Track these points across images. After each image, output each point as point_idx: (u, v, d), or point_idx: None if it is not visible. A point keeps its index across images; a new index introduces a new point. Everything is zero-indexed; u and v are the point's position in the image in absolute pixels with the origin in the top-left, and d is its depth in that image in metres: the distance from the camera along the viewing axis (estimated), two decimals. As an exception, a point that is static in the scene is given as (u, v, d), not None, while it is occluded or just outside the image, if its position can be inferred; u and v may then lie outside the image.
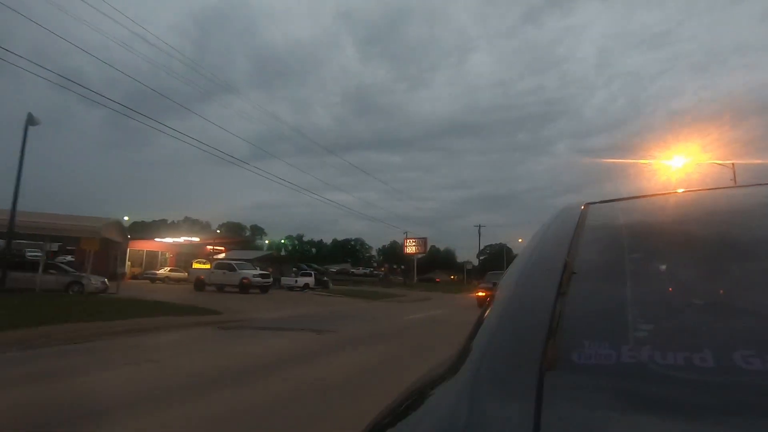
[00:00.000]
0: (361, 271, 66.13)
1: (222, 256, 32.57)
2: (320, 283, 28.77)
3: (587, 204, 0.98)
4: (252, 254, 34.33)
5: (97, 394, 4.37)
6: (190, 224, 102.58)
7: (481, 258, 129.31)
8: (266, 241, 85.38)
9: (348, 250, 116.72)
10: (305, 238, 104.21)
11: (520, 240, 74.18)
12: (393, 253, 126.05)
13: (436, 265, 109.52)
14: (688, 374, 0.46)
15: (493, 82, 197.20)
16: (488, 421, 0.48)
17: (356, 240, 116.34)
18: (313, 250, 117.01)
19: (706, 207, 0.93)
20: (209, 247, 35.11)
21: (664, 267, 0.68)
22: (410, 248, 53.76)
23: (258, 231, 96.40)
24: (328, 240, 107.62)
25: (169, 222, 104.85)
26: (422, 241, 53.01)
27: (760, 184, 1.02)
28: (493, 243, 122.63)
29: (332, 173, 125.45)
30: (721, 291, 0.60)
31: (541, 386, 0.48)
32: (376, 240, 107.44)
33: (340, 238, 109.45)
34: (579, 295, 0.62)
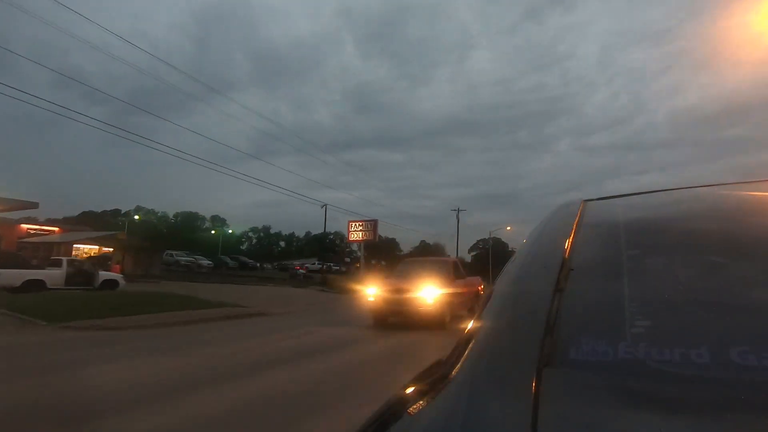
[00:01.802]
0: (315, 266, 53.49)
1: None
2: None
3: (585, 201, 1.01)
4: (89, 234, 21.48)
5: None
6: (144, 213, 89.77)
7: (473, 253, 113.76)
8: (213, 232, 72.58)
9: (326, 245, 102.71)
10: (272, 231, 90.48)
11: (508, 228, 59.17)
12: (375, 247, 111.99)
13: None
14: (684, 370, 0.47)
15: (495, 80, 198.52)
16: (486, 417, 0.48)
17: (335, 234, 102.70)
18: (282, 243, 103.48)
19: (704, 204, 0.95)
20: (26, 226, 22.16)
21: (661, 264, 0.70)
22: (355, 234, 38.41)
23: (218, 221, 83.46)
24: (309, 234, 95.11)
25: (123, 212, 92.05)
26: (371, 225, 38.07)
27: (759, 181, 1.04)
28: (486, 237, 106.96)
29: (332, 171, 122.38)
30: (718, 288, 0.62)
31: (538, 382, 0.48)
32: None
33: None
34: (576, 291, 0.63)
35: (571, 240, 0.77)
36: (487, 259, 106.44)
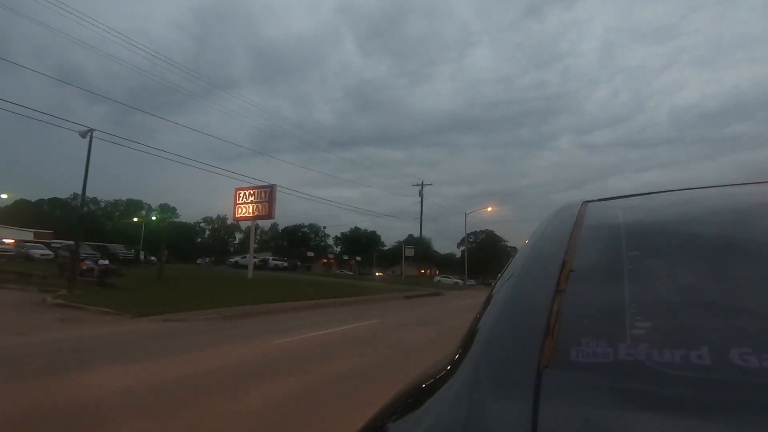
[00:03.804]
0: (255, 260, 40.55)
1: None
2: None
3: (585, 202, 1.03)
4: None
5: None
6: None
7: (462, 248, 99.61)
8: (135, 220, 60.38)
9: (298, 238, 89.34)
10: (229, 221, 78.28)
11: (489, 209, 45.63)
12: (353, 241, 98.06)
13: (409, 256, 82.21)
14: (685, 372, 0.47)
15: (495, 77, 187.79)
16: (487, 418, 0.49)
17: (309, 226, 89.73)
18: (238, 235, 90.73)
19: (705, 205, 0.97)
20: None
21: (661, 266, 0.71)
22: (244, 208, 23.94)
23: (167, 210, 71.10)
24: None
25: (63, 199, 79.83)
26: (265, 193, 23.81)
27: (760, 182, 1.07)
28: (478, 231, 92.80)
29: (332, 168, 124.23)
30: (719, 290, 0.63)
31: (538, 384, 0.49)
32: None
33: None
34: (577, 293, 0.65)
35: (571, 241, 0.78)
36: (479, 255, 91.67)
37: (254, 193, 26.60)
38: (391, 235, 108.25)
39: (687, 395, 0.45)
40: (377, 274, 65.09)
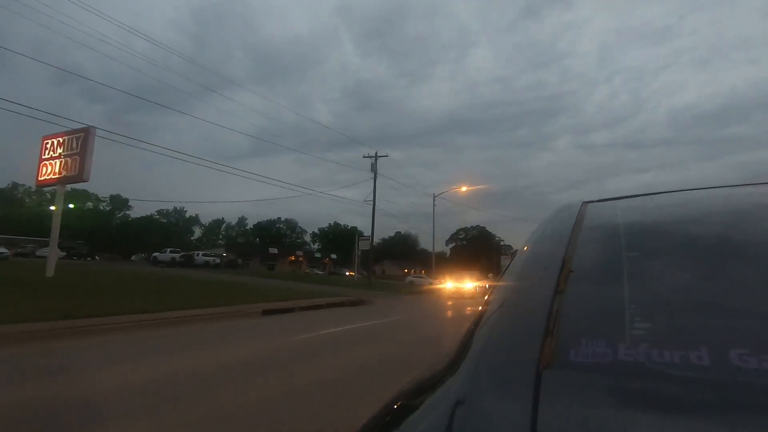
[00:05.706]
0: (176, 256, 31.97)
1: None
2: None
3: (585, 202, 1.04)
4: None
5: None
6: (23, 192, 68.82)
7: (451, 245, 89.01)
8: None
9: (272, 235, 79.87)
10: (188, 215, 68.97)
11: (463, 189, 35.46)
12: (333, 237, 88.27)
13: (392, 254, 72.88)
14: (684, 372, 0.48)
15: (494, 78, 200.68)
16: (486, 418, 0.49)
17: (285, 221, 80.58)
18: (196, 229, 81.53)
19: (704, 206, 0.98)
20: None
21: (661, 266, 0.73)
22: (50, 167, 12.53)
23: (118, 202, 62.27)
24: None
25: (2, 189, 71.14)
26: (76, 143, 12.60)
27: (759, 183, 1.09)
28: (468, 227, 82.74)
29: (330, 169, 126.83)
30: (718, 290, 0.64)
31: (538, 384, 0.50)
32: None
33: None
34: (576, 293, 0.66)
35: (571, 242, 0.79)
36: (470, 252, 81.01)
37: (63, 142, 16.38)
38: (382, 233, 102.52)
39: (686, 396, 0.45)
40: (347, 273, 56.65)
